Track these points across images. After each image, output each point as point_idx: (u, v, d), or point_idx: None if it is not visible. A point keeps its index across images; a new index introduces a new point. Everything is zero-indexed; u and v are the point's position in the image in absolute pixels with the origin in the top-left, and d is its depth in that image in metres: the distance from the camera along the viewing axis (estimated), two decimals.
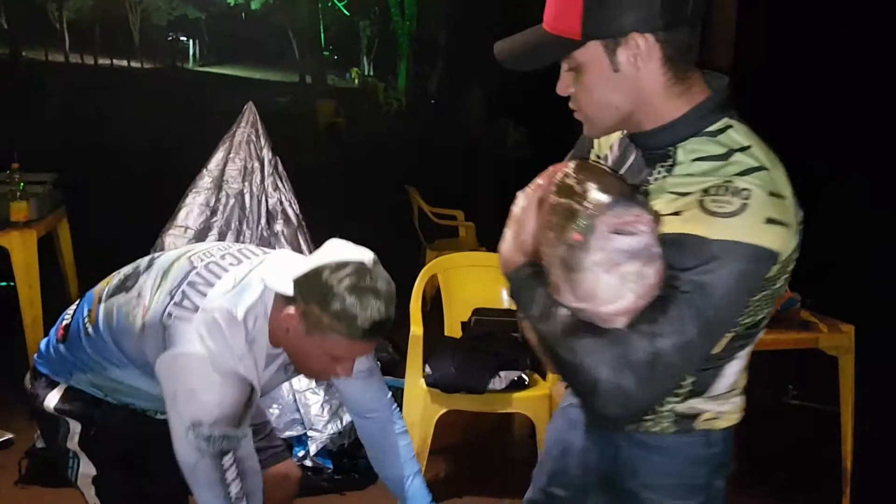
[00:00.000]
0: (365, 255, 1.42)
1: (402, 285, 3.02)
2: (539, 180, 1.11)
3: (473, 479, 2.92)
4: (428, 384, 2.77)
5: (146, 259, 1.61)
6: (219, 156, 3.13)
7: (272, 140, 3.19)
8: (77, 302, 1.65)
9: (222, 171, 3.10)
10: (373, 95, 21.28)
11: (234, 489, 1.43)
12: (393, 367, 3.63)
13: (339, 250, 1.42)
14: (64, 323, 1.62)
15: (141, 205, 5.24)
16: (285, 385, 2.90)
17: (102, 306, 1.54)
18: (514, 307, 3.13)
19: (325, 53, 26.68)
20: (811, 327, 2.65)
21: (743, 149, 1.01)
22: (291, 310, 1.39)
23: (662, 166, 1.05)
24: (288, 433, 2.83)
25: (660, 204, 1.02)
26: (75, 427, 1.57)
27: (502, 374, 2.81)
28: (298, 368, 1.52)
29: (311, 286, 1.37)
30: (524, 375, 2.84)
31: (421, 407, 2.78)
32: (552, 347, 1.03)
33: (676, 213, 0.99)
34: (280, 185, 3.18)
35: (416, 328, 2.88)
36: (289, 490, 1.96)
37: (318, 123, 15.07)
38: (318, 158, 9.72)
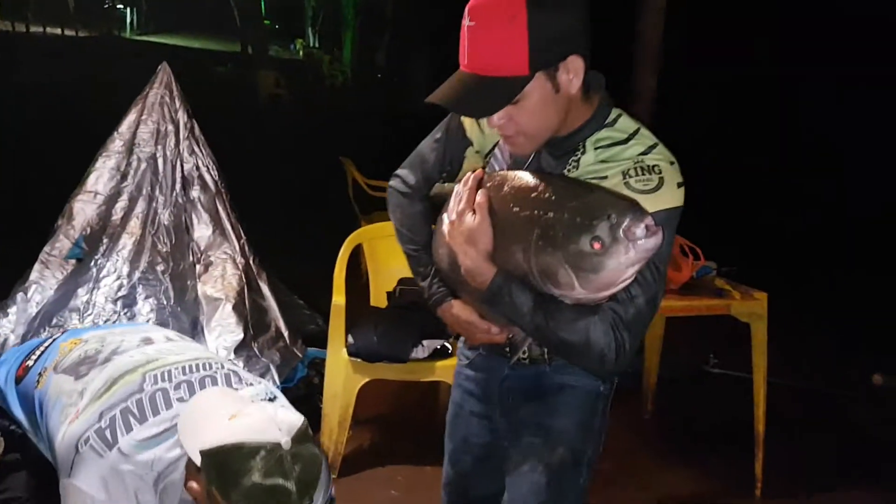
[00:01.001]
0: (291, 425, 1.29)
1: (335, 258, 3.01)
2: (472, 196, 1.18)
3: (396, 448, 2.91)
4: (350, 354, 2.73)
5: (113, 343, 1.53)
6: (130, 118, 3.00)
7: (209, 110, 3.09)
8: (45, 347, 1.60)
9: (134, 134, 2.98)
10: (317, 67, 20.88)
11: None
12: (322, 339, 3.58)
13: (260, 419, 1.28)
14: (26, 363, 1.57)
15: (54, 172, 5.03)
16: None
17: (53, 378, 1.49)
18: None
19: (267, 22, 26.02)
20: (725, 294, 2.70)
21: (636, 131, 1.21)
22: (195, 484, 1.30)
23: (573, 159, 1.22)
24: None
25: None
26: None
27: (425, 342, 2.78)
28: None
29: (217, 467, 1.25)
30: (447, 344, 2.82)
31: (343, 377, 2.74)
32: (555, 335, 1.16)
33: None
34: (196, 149, 3.08)
35: (338, 298, 2.83)
36: None
37: (258, 94, 14.72)
38: (256, 129, 9.49)
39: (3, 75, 9.48)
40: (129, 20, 29.28)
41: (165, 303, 2.84)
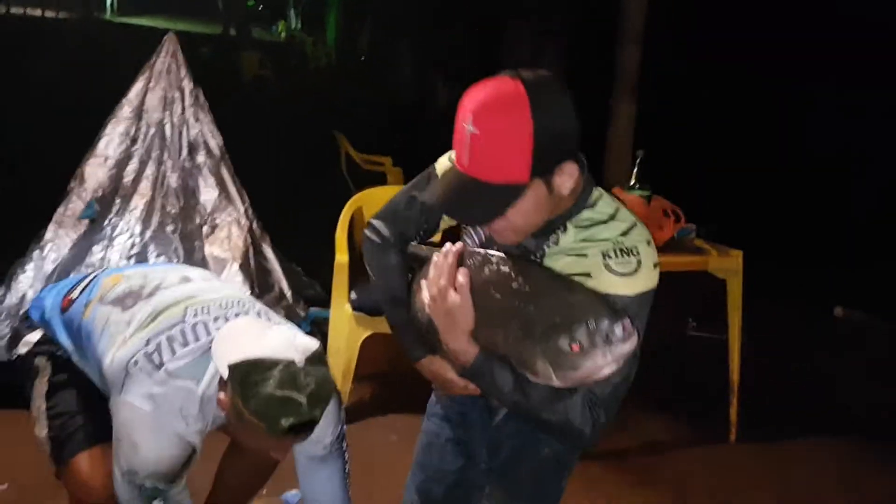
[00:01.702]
0: (307, 347, 1.43)
1: (332, 230, 3.13)
2: (453, 273, 1.21)
3: (395, 398, 3.07)
4: (353, 308, 2.89)
5: (155, 280, 1.65)
6: (139, 85, 3.12)
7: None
8: (88, 282, 1.72)
9: (142, 101, 3.10)
10: (301, 49, 20.78)
11: None
12: (321, 302, 3.72)
13: (281, 340, 1.43)
14: (70, 296, 1.69)
15: (57, 144, 5.12)
16: None
17: (99, 308, 1.61)
18: (437, 238, 3.26)
19: (250, 4, 25.80)
20: (703, 252, 2.90)
21: (616, 211, 1.26)
22: (222, 394, 1.44)
23: (553, 237, 1.25)
24: None
25: (560, 264, 1.24)
26: (45, 365, 1.68)
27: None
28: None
29: (239, 379, 1.38)
30: None
31: (346, 331, 2.90)
32: (535, 414, 1.23)
33: (588, 275, 1.21)
34: (202, 115, 3.20)
35: (341, 256, 2.99)
36: None
37: (242, 76, 14.69)
38: (242, 110, 9.52)
39: None
40: (108, 2, 28.89)
41: (175, 261, 2.97)
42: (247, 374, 1.38)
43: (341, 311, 2.92)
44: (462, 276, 1.19)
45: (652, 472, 2.73)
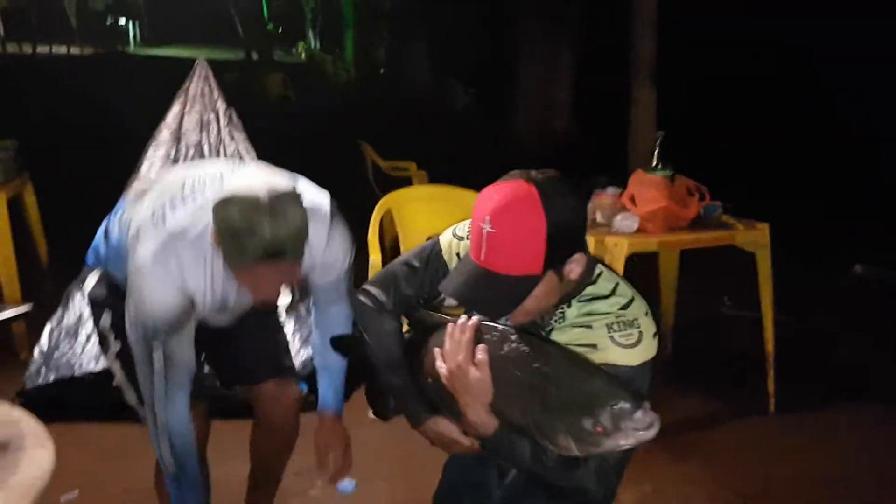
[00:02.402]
0: (282, 186, 1.47)
1: (360, 237, 3.24)
2: (471, 347, 1.27)
3: None
4: None
5: (165, 173, 1.76)
6: (175, 109, 3.28)
7: None
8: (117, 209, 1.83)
9: (180, 124, 3.25)
10: (321, 68, 21.12)
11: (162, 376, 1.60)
12: None
13: (261, 179, 1.47)
14: (108, 225, 1.81)
15: (101, 172, 5.35)
16: None
17: (125, 214, 1.72)
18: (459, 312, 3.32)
19: (270, 27, 26.26)
20: (730, 227, 2.95)
21: (615, 287, 1.34)
22: (211, 233, 1.50)
23: (560, 313, 1.34)
24: None
25: (568, 336, 1.32)
26: (107, 313, 1.79)
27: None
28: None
29: (218, 213, 1.43)
30: None
31: None
32: (552, 482, 1.31)
33: (594, 346, 1.29)
34: (236, 134, 3.35)
35: (375, 255, 3.12)
36: (285, 407, 2.07)
37: (267, 97, 15.01)
38: (271, 129, 9.75)
39: (24, 97, 9.82)
40: (131, 34, 29.65)
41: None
42: (225, 206, 1.43)
43: None
44: (481, 354, 1.26)
45: (692, 447, 2.78)
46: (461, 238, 1.46)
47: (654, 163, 2.97)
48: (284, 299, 3.16)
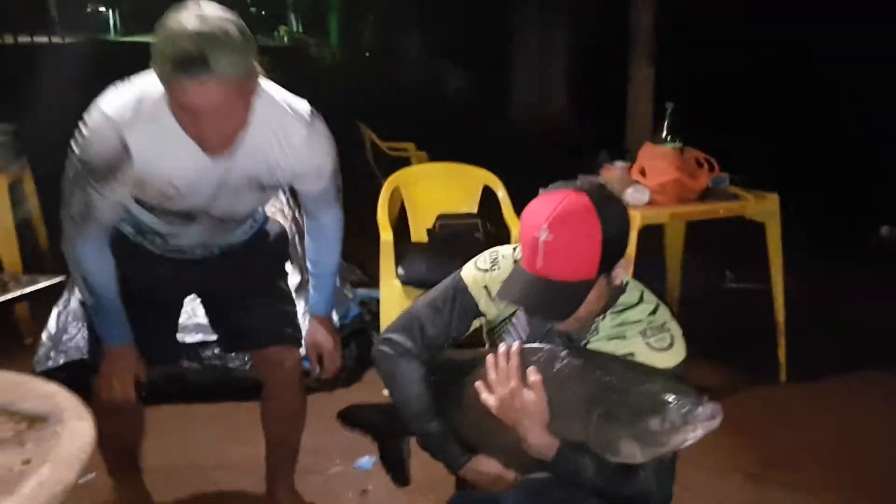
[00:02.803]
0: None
1: (363, 217, 3.20)
2: (519, 372, 1.31)
3: None
4: (402, 282, 2.99)
5: None
6: None
7: None
8: None
9: None
10: (305, 52, 20.95)
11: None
12: (362, 285, 3.82)
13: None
14: None
15: None
16: None
17: None
18: (474, 210, 3.37)
19: (252, 10, 26.00)
20: (739, 198, 2.95)
21: (642, 294, 1.42)
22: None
23: (594, 326, 1.39)
24: None
25: (606, 348, 1.37)
26: None
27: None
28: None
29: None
30: None
31: (397, 305, 2.99)
32: (616, 493, 1.33)
33: (632, 354, 1.35)
34: None
35: (386, 234, 3.09)
36: (288, 371, 2.08)
37: None
38: None
39: (11, 86, 9.65)
40: (111, 22, 29.23)
41: None
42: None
43: (391, 286, 3.02)
44: (534, 375, 1.30)
45: None
46: (486, 270, 1.50)
47: (664, 135, 2.96)
48: (294, 278, 3.13)
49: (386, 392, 2.73)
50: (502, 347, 1.35)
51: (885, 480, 2.38)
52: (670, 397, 1.23)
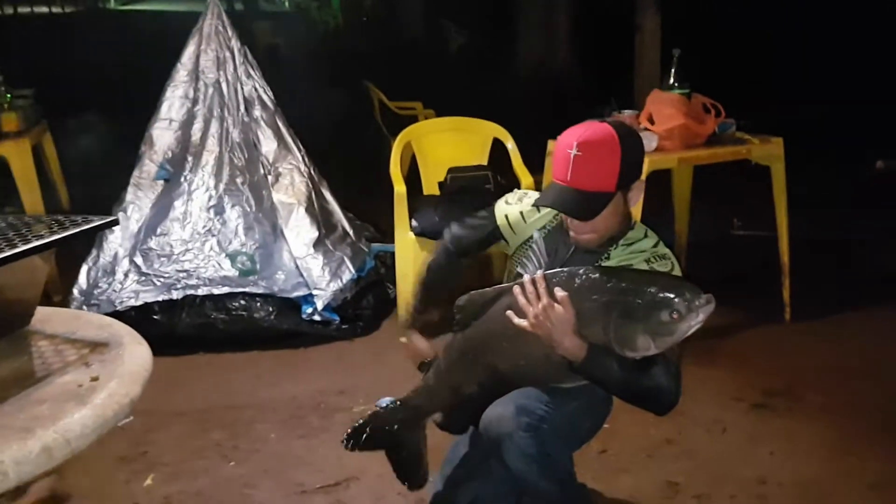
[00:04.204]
0: None
1: (373, 176, 3.23)
2: (546, 293, 1.48)
3: None
4: (416, 234, 3.08)
5: None
6: (190, 49, 3.29)
7: None
8: None
9: (196, 63, 3.28)
10: (307, 15, 20.71)
11: None
12: (376, 241, 3.92)
13: None
14: None
15: (114, 121, 5.35)
16: (286, 254, 3.20)
17: None
18: (484, 163, 3.45)
19: None
20: (745, 142, 3.02)
21: (647, 231, 1.65)
22: None
23: (605, 255, 1.61)
24: (295, 294, 3.14)
25: None
26: None
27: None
28: None
29: None
30: None
31: (411, 256, 3.10)
32: (636, 386, 1.51)
33: None
34: (252, 72, 3.37)
35: (399, 187, 3.17)
36: None
37: (257, 46, 14.76)
38: (265, 76, 9.67)
39: (21, 53, 9.69)
40: None
41: (249, 210, 3.19)
42: None
43: (405, 238, 3.12)
44: (560, 292, 1.48)
45: (714, 353, 2.89)
46: (512, 203, 1.76)
47: (671, 81, 3.01)
48: (312, 234, 3.23)
49: (403, 339, 2.86)
50: (527, 278, 1.52)
51: (882, 408, 2.48)
52: (675, 292, 1.43)
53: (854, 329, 3.08)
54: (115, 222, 1.28)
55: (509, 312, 1.53)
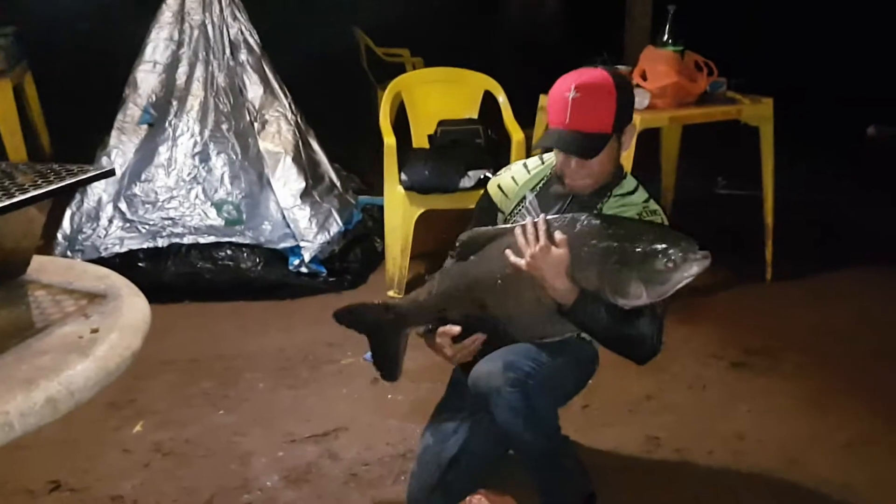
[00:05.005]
0: None
1: (361, 125, 3.15)
2: (546, 235, 1.51)
3: None
4: (405, 188, 3.06)
5: None
6: None
7: None
8: None
9: (182, 4, 3.18)
10: None
11: None
12: (364, 193, 3.89)
13: None
14: None
15: (99, 63, 5.18)
16: (272, 204, 3.17)
17: None
18: (474, 116, 3.42)
19: None
20: (736, 102, 3.02)
21: (638, 184, 1.69)
22: None
23: (599, 205, 1.64)
24: (282, 245, 3.13)
25: None
26: None
27: (471, 173, 3.09)
28: None
29: None
30: (489, 174, 3.15)
31: (401, 210, 3.08)
32: (620, 333, 1.55)
33: None
34: (238, 14, 3.28)
35: (389, 139, 3.13)
36: None
37: None
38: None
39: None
40: None
41: (235, 158, 3.14)
42: None
43: (394, 192, 3.10)
44: (560, 234, 1.51)
45: (696, 310, 2.95)
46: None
47: (665, 38, 2.99)
48: (299, 184, 3.20)
49: (391, 293, 2.89)
50: (529, 220, 1.55)
51: (857, 369, 2.55)
52: (672, 242, 1.46)
53: (833, 291, 3.15)
54: (112, 172, 1.26)
55: (507, 251, 1.56)
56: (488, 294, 1.63)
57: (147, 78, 3.16)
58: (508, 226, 1.63)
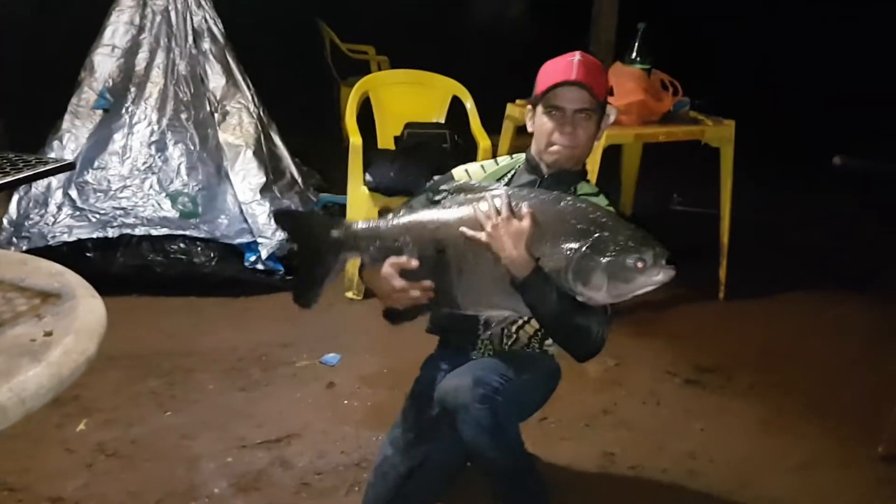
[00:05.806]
0: None
1: (321, 116, 3.09)
2: (510, 207, 1.49)
3: None
4: (370, 189, 3.02)
5: None
6: None
7: None
8: None
9: None
10: None
11: None
12: (325, 190, 3.83)
13: None
14: None
15: (54, 42, 4.96)
16: (230, 198, 3.09)
17: None
18: (442, 120, 3.39)
19: None
20: (699, 123, 3.07)
21: (599, 190, 1.72)
22: None
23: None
24: (238, 240, 3.05)
25: None
26: None
27: (436, 177, 3.07)
28: None
29: None
30: None
31: (364, 210, 3.04)
32: (567, 319, 1.51)
33: None
34: (203, 2, 3.19)
35: (355, 138, 3.09)
36: None
37: None
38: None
39: None
40: None
41: (193, 148, 3.05)
42: None
43: (358, 192, 3.05)
44: (527, 208, 1.50)
45: (649, 327, 2.99)
46: (466, 164, 1.78)
47: (633, 55, 3.02)
48: (259, 179, 3.13)
49: (349, 294, 2.77)
50: (504, 193, 1.52)
51: (809, 390, 2.60)
52: (647, 244, 1.45)
53: (785, 311, 3.22)
54: (72, 166, 1.19)
55: (463, 228, 1.51)
56: (451, 240, 1.55)
57: (104, 62, 3.05)
58: (492, 188, 1.57)
